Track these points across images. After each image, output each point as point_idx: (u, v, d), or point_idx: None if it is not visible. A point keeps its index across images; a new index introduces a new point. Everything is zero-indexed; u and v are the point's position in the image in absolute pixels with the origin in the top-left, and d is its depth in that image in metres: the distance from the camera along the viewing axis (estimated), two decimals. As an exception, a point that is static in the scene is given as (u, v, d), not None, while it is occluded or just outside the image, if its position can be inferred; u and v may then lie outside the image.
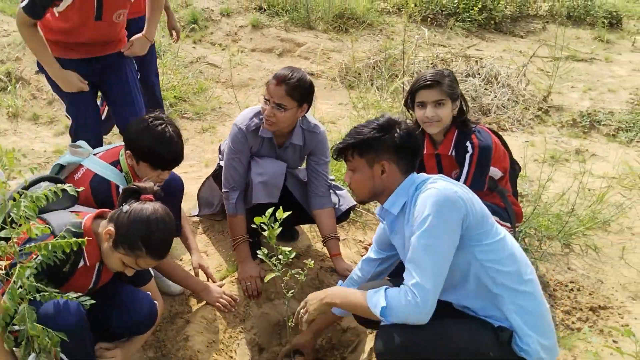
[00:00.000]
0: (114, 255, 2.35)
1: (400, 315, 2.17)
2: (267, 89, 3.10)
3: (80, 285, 2.44)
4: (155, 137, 2.75)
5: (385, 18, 8.07)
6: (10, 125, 5.06)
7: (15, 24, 3.38)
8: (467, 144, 2.99)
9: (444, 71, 3.05)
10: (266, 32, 7.33)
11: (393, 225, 2.49)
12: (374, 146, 2.37)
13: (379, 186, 2.42)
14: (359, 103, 5.35)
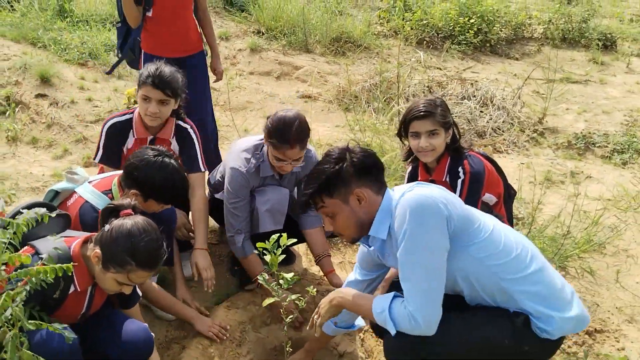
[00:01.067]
0: (107, 277, 2.36)
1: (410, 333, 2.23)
2: (282, 153, 3.10)
3: (72, 310, 2.45)
4: (167, 175, 2.78)
5: (382, 41, 8.16)
6: (9, 149, 5.09)
7: (14, 47, 3.44)
8: (459, 170, 3.03)
9: (436, 100, 3.09)
10: (264, 55, 7.41)
11: (382, 249, 2.45)
12: (340, 180, 2.31)
13: (363, 217, 2.35)
14: (355, 125, 5.39)
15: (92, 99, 5.93)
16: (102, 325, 2.58)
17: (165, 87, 3.19)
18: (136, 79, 6.40)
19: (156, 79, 3.17)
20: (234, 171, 3.25)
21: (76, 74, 6.39)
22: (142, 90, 3.21)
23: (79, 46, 6.83)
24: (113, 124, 3.34)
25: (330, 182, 2.32)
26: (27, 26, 7.08)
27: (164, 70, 3.21)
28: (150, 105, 3.20)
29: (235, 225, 3.29)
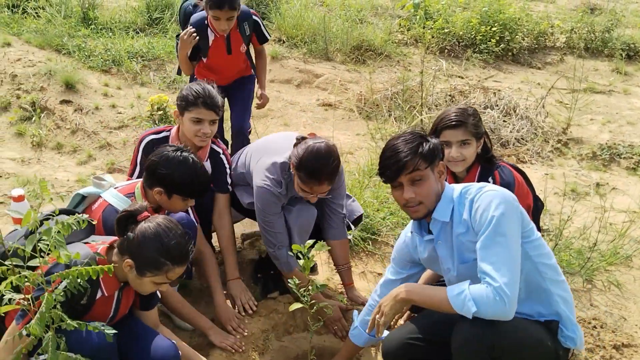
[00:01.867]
0: (144, 281, 2.41)
1: (490, 315, 2.22)
2: (310, 188, 3.03)
3: (100, 316, 2.47)
4: (189, 169, 2.84)
5: (402, 49, 8.14)
6: (34, 154, 5.15)
7: (39, 54, 3.47)
8: (489, 180, 2.99)
9: (469, 109, 3.03)
10: (285, 63, 7.43)
11: (439, 235, 2.52)
12: (435, 150, 2.44)
13: (439, 190, 2.47)
14: (376, 134, 5.37)
15: (115, 106, 5.99)
16: (132, 341, 2.60)
17: (216, 107, 3.23)
18: (158, 85, 6.51)
19: (207, 99, 3.19)
20: (264, 191, 3.18)
21: (100, 81, 6.46)
22: (192, 113, 3.18)
23: (102, 53, 6.91)
24: (150, 140, 3.34)
25: (429, 148, 2.42)
26: (52, 33, 7.17)
27: (211, 91, 3.23)
28: (203, 126, 3.21)
29: (274, 242, 3.25)
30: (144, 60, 6.99)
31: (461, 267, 2.47)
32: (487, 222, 2.29)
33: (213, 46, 4.20)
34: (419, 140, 2.44)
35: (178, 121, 3.32)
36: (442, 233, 2.51)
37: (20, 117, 5.60)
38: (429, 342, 2.63)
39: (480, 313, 2.22)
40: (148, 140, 3.36)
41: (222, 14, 3.92)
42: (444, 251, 2.53)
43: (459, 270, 2.49)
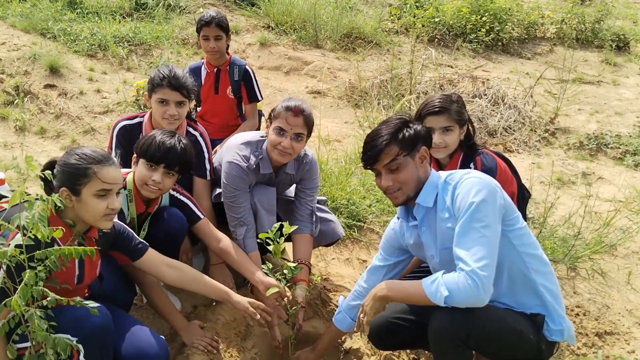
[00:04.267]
0: (85, 201, 2.32)
1: (463, 301, 2.18)
2: (285, 120, 3.05)
3: (65, 275, 2.38)
4: (157, 136, 2.82)
5: (392, 38, 8.11)
6: (17, 139, 5.08)
7: (24, 37, 3.41)
8: (470, 166, 2.98)
9: (453, 96, 3.01)
10: (274, 50, 7.38)
11: (423, 221, 2.50)
12: (413, 135, 2.40)
13: (422, 176, 2.44)
14: (364, 122, 5.35)
15: (100, 91, 5.92)
16: (120, 336, 2.54)
17: (182, 88, 3.17)
18: (145, 70, 6.44)
19: (172, 80, 3.14)
20: (233, 165, 3.15)
21: (85, 65, 6.38)
22: (158, 94, 3.16)
23: (88, 37, 6.83)
24: (122, 126, 3.30)
25: (406, 133, 2.40)
26: (37, 17, 7.08)
27: (177, 72, 3.20)
28: (169, 107, 3.16)
29: (235, 216, 3.18)
30: (130, 45, 6.91)
31: (444, 253, 2.45)
32: (465, 207, 2.26)
33: (204, 84, 4.32)
34: (400, 125, 2.41)
35: (149, 105, 3.29)
36: (426, 219, 2.49)
37: (4, 101, 5.52)
38: (415, 322, 2.60)
39: (452, 298, 2.17)
40: (121, 126, 3.32)
41: (210, 32, 4.13)
42: (428, 237, 2.51)
43: (442, 256, 2.47)
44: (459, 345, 2.26)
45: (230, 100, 4.36)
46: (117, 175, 2.37)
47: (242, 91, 4.38)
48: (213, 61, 4.25)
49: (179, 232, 3.07)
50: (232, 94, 4.35)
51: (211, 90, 4.32)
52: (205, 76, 4.30)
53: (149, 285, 2.91)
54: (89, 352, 2.26)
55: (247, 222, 3.19)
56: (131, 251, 2.68)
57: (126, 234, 2.66)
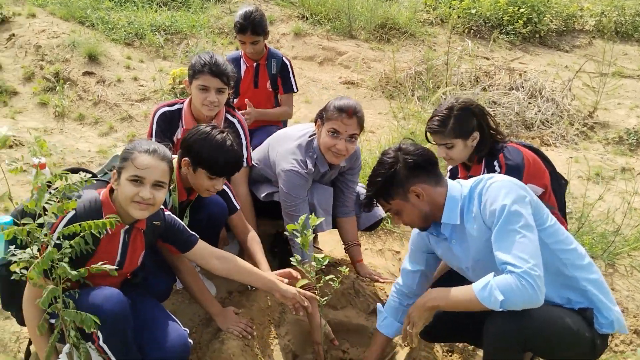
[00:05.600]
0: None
1: (520, 303, 2.13)
2: (339, 122, 3.06)
3: (104, 259, 2.44)
4: (214, 145, 2.79)
5: (427, 29, 8.03)
6: (56, 125, 5.19)
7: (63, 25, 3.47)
8: (494, 164, 2.95)
9: (455, 107, 2.92)
10: (308, 40, 7.37)
11: (452, 235, 2.48)
12: (394, 183, 2.41)
13: (426, 209, 2.43)
14: (399, 113, 5.31)
15: (137, 79, 6.00)
16: (143, 328, 2.58)
17: (222, 75, 3.18)
18: (180, 59, 6.50)
19: (213, 66, 3.15)
20: (292, 173, 3.15)
21: (122, 53, 6.47)
22: (199, 80, 3.17)
23: (125, 26, 6.91)
24: (163, 112, 3.33)
25: (386, 186, 2.42)
26: (76, 5, 7.20)
27: (218, 59, 3.21)
28: (209, 94, 3.18)
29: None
30: (167, 33, 6.98)
31: (478, 265, 2.43)
32: (498, 212, 2.24)
33: (244, 78, 4.31)
34: (384, 176, 2.42)
35: (189, 91, 3.31)
36: (455, 233, 2.48)
37: (44, 87, 5.64)
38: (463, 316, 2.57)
39: (508, 302, 2.11)
40: (162, 112, 3.35)
41: (246, 39, 4.09)
42: (459, 250, 2.49)
43: (475, 267, 2.45)
44: (516, 349, 2.22)
45: (269, 92, 4.37)
46: (152, 165, 2.38)
47: (279, 82, 4.39)
48: (251, 56, 4.26)
49: (220, 218, 3.11)
50: (270, 87, 4.36)
51: (251, 84, 4.33)
52: (245, 70, 4.30)
53: (186, 271, 2.95)
54: (107, 338, 2.32)
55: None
56: (182, 244, 2.72)
57: (177, 227, 2.70)
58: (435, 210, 2.44)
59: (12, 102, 5.42)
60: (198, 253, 2.76)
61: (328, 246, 3.82)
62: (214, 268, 2.80)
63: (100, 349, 2.35)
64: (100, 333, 2.30)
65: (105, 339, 2.32)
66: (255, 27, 4.03)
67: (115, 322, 2.30)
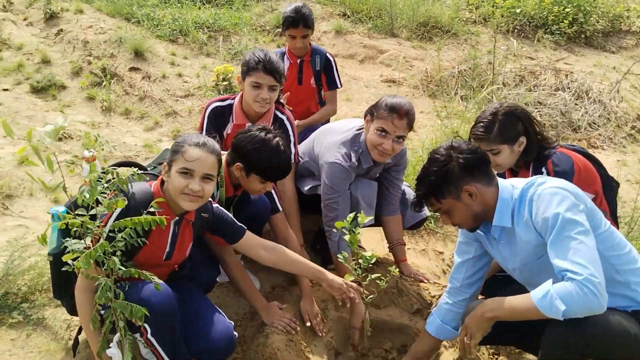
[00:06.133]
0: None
1: (583, 311, 2.10)
2: (390, 122, 3.05)
3: (156, 249, 2.51)
4: (268, 153, 2.80)
5: (470, 28, 7.93)
6: (103, 118, 5.30)
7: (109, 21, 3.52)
8: (542, 170, 2.90)
9: (499, 112, 2.87)
10: (349, 38, 7.36)
11: (501, 237, 2.46)
12: (447, 182, 2.38)
13: (478, 209, 2.41)
14: (442, 112, 5.27)
15: (182, 75, 6.08)
16: (191, 319, 2.63)
17: (275, 72, 3.20)
18: (223, 56, 6.57)
19: (267, 64, 3.18)
20: (335, 166, 3.18)
21: (167, 50, 6.57)
22: (252, 77, 3.20)
23: (170, 23, 7.01)
24: (214, 107, 3.38)
25: (439, 185, 2.39)
26: (122, 1, 7.33)
27: (272, 56, 3.23)
28: (262, 91, 3.20)
29: (331, 217, 3.23)
30: (210, 31, 7.06)
31: (525, 269, 2.41)
32: (551, 220, 2.20)
33: (288, 75, 4.30)
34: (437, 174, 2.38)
35: (241, 87, 3.34)
36: (504, 234, 2.45)
37: (91, 82, 5.77)
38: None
39: (570, 311, 2.07)
40: (213, 107, 3.39)
41: (298, 32, 4.14)
42: (508, 252, 2.47)
43: (522, 269, 2.43)
44: (577, 355, 2.18)
45: (313, 89, 4.38)
46: (201, 158, 2.42)
47: (322, 78, 4.39)
48: (296, 52, 4.28)
49: (264, 214, 3.14)
50: (314, 83, 4.37)
51: (295, 81, 4.35)
52: (289, 67, 4.33)
53: (232, 264, 2.99)
54: (155, 332, 2.37)
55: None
56: (230, 235, 2.76)
57: (225, 219, 2.74)
58: (487, 210, 2.41)
59: (61, 96, 5.55)
60: (246, 244, 2.79)
61: (369, 245, 3.82)
62: (261, 258, 2.83)
63: (148, 342, 2.39)
64: (148, 326, 2.34)
65: (153, 333, 2.36)
66: (307, 21, 4.11)
67: (163, 317, 2.34)
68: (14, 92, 5.44)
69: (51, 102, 5.44)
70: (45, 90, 5.55)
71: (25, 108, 5.19)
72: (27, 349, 2.84)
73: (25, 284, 3.12)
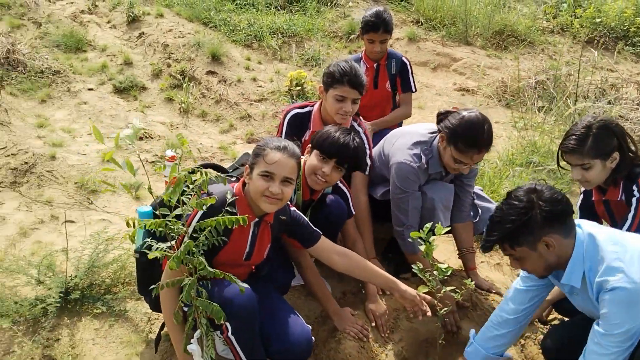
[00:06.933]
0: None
1: None
2: (468, 157, 3.01)
3: (236, 250, 2.56)
4: (334, 131, 2.91)
5: (547, 37, 7.72)
6: (181, 120, 5.46)
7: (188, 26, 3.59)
8: (633, 188, 2.78)
9: (594, 126, 2.76)
10: (422, 45, 7.30)
11: (573, 290, 2.43)
12: (526, 231, 2.28)
13: (552, 260, 2.34)
14: (518, 123, 5.14)
15: (256, 79, 6.20)
16: (270, 320, 2.67)
17: (360, 86, 3.22)
18: (296, 62, 6.65)
19: (353, 78, 3.18)
20: (404, 165, 3.16)
21: (242, 54, 6.71)
22: (337, 90, 3.20)
23: (246, 28, 7.16)
24: (294, 114, 3.42)
25: (516, 233, 2.30)
26: (200, 6, 7.54)
27: (357, 70, 3.23)
28: (346, 104, 3.22)
29: (403, 221, 3.23)
30: (284, 36, 7.16)
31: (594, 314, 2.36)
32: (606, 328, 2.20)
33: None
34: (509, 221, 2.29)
35: (322, 97, 3.36)
36: (575, 289, 2.40)
37: (170, 84, 5.96)
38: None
39: None
40: (293, 114, 3.44)
41: (377, 36, 4.13)
42: (579, 300, 2.43)
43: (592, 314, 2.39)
44: None
45: (388, 93, 4.38)
46: (282, 162, 2.46)
47: (397, 82, 4.38)
48: (373, 56, 4.28)
49: (340, 219, 3.15)
50: (389, 88, 4.37)
51: (370, 85, 4.36)
52: (365, 71, 4.33)
53: (307, 267, 3.02)
54: (235, 331, 2.42)
55: (413, 225, 3.20)
56: (306, 238, 2.79)
57: (302, 222, 2.77)
58: (561, 262, 2.34)
59: (142, 97, 5.77)
60: (320, 248, 2.81)
61: (442, 255, 3.77)
62: (335, 263, 2.84)
63: (228, 340, 2.44)
64: (229, 325, 2.39)
65: (234, 332, 2.41)
66: (387, 25, 4.11)
67: (245, 317, 2.39)
68: (98, 92, 5.69)
69: (132, 103, 5.65)
70: (127, 91, 5.78)
71: (109, 107, 5.42)
72: (109, 338, 2.96)
73: (109, 277, 3.25)
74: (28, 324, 2.96)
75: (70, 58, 6.18)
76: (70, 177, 4.23)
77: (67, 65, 5.95)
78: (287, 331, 2.64)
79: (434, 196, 3.19)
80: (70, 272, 3.16)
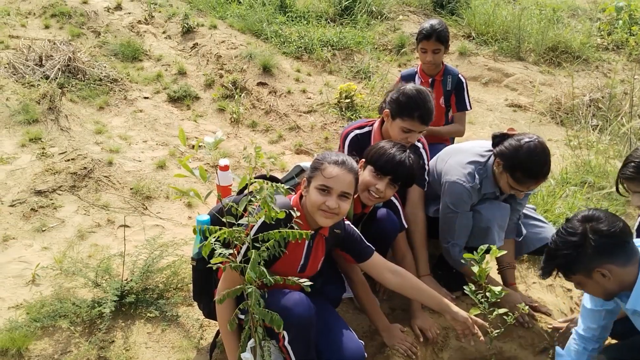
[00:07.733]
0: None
1: None
2: (527, 187, 3.00)
3: (291, 261, 2.58)
4: (389, 148, 2.91)
5: (601, 54, 7.56)
6: (232, 129, 5.55)
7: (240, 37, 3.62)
8: None
9: None
10: (473, 60, 7.25)
11: (635, 312, 2.39)
12: (578, 262, 2.31)
13: (611, 287, 2.34)
14: (573, 141, 5.04)
15: (305, 91, 6.26)
16: (324, 332, 2.68)
17: (429, 120, 3.21)
18: (345, 74, 6.68)
19: (424, 113, 3.17)
20: (457, 186, 3.13)
21: (292, 66, 6.78)
22: (406, 123, 3.17)
23: (296, 40, 7.25)
24: (354, 136, 3.43)
25: (569, 263, 2.35)
26: (252, 18, 7.67)
27: (428, 103, 3.19)
28: (412, 135, 3.21)
29: (450, 238, 3.22)
30: (334, 49, 7.21)
31: None
32: None
33: None
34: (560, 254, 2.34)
35: (386, 120, 3.31)
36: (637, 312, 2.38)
37: (222, 94, 6.06)
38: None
39: None
40: (353, 135, 3.43)
41: (429, 45, 4.11)
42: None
43: None
44: None
45: (442, 109, 4.35)
46: (339, 176, 2.48)
47: (452, 99, 4.35)
48: (428, 71, 4.27)
49: (392, 233, 3.14)
50: (443, 104, 4.34)
51: None
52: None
53: (358, 282, 3.02)
54: (292, 340, 2.42)
55: (460, 243, 3.19)
56: (358, 254, 2.79)
57: (355, 237, 2.78)
58: (624, 287, 2.32)
59: (195, 106, 5.89)
60: (372, 264, 2.81)
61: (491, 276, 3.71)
62: (387, 281, 2.83)
63: (283, 349, 2.46)
64: (286, 334, 2.41)
65: (290, 341, 2.43)
66: (440, 35, 4.09)
67: (303, 327, 2.41)
68: (154, 100, 5.84)
69: (186, 112, 5.78)
70: (180, 100, 5.92)
71: (163, 116, 5.56)
72: (161, 343, 3.02)
73: (162, 282, 3.32)
74: (85, 325, 3.05)
75: (127, 67, 6.37)
76: (126, 183, 4.35)
77: (124, 74, 6.13)
78: (341, 346, 2.65)
79: (490, 216, 3.15)
80: (126, 276, 3.25)
